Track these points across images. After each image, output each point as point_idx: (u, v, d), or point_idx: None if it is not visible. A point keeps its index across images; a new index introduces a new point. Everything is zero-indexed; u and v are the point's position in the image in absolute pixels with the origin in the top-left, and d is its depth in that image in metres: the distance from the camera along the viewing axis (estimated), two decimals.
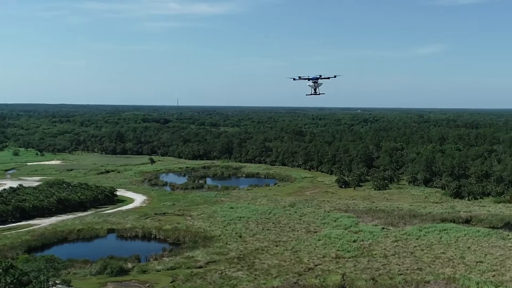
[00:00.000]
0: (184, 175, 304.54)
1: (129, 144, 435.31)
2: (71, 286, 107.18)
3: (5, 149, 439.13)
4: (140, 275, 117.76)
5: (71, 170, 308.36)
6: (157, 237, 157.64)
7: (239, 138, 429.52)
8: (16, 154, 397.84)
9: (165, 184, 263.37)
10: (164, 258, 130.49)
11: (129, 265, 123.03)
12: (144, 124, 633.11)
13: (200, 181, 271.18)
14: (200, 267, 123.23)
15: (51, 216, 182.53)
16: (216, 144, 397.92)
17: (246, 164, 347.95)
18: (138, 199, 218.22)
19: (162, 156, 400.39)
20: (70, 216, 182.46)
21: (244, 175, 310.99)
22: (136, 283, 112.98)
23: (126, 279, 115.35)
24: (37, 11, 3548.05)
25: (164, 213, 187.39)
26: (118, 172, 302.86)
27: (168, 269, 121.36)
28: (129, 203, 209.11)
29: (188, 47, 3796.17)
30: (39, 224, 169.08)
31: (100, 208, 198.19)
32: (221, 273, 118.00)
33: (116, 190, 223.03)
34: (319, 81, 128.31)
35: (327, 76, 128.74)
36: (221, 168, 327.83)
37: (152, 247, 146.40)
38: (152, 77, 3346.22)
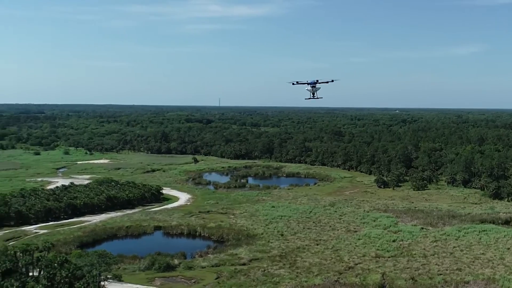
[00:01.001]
0: (227, 174, 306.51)
1: (173, 143, 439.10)
2: (122, 281, 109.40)
3: (57, 148, 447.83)
4: (186, 271, 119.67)
5: (119, 169, 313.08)
6: (202, 234, 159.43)
7: (279, 138, 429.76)
8: (66, 153, 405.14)
9: (209, 183, 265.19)
10: (209, 255, 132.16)
11: (176, 261, 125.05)
12: (188, 124, 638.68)
13: (242, 180, 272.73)
14: (244, 264, 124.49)
15: (101, 213, 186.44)
16: (257, 144, 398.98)
17: (286, 164, 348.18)
18: (183, 197, 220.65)
19: (205, 155, 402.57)
20: (118, 214, 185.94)
21: (284, 175, 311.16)
22: (182, 279, 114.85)
23: (173, 275, 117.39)
24: (82, 15, 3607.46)
25: (208, 211, 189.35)
26: (163, 171, 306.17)
27: (212, 266, 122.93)
28: (174, 201, 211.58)
29: (229, 49, 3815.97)
30: (90, 221, 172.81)
31: (146, 206, 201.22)
32: (264, 270, 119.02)
33: (162, 189, 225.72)
34: (317, 85, 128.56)
35: (325, 81, 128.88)
36: (262, 167, 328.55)
37: (197, 244, 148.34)
38: (194, 78, 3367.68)
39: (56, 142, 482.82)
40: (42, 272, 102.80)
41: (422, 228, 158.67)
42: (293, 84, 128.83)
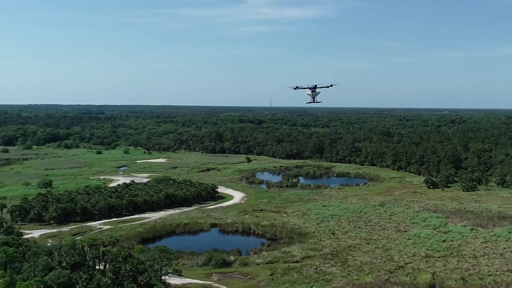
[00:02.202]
0: (279, 174, 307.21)
1: (227, 143, 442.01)
2: (182, 276, 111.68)
3: (117, 147, 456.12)
4: (241, 267, 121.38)
5: (176, 167, 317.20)
6: (256, 232, 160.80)
7: (329, 138, 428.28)
8: (126, 152, 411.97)
9: (261, 182, 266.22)
10: (263, 252, 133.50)
11: (232, 258, 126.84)
12: (240, 125, 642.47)
13: (294, 180, 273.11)
14: (297, 261, 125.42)
15: (160, 210, 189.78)
16: (308, 144, 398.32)
17: (336, 163, 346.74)
18: (237, 196, 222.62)
19: (258, 155, 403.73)
20: (176, 211, 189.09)
21: (334, 175, 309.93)
22: (238, 275, 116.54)
23: (229, 271, 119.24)
24: (137, 18, 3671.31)
25: (261, 210, 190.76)
26: (218, 170, 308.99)
27: (267, 263, 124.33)
28: (229, 200, 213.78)
29: (279, 50, 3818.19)
30: (150, 218, 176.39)
31: (203, 204, 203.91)
32: (316, 268, 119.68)
33: (217, 187, 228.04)
34: (317, 90, 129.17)
35: (324, 85, 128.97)
36: (313, 167, 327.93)
37: (251, 242, 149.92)
38: (246, 79, 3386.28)
39: (116, 141, 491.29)
40: (107, 266, 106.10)
41: (472, 229, 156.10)
42: (294, 88, 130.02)
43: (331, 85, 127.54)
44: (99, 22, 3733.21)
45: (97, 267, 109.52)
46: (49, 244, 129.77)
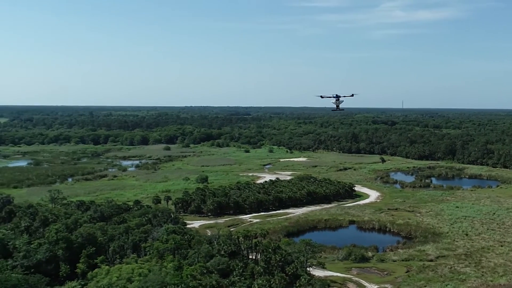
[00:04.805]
0: (412, 174, 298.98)
1: (362, 144, 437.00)
2: (325, 268, 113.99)
3: (262, 146, 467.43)
4: (379, 263, 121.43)
5: (315, 166, 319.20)
6: (391, 230, 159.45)
7: (461, 140, 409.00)
8: (271, 151, 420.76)
9: (395, 182, 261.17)
10: (399, 250, 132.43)
11: (369, 253, 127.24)
12: (374, 126, 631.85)
13: (426, 180, 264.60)
14: (431, 260, 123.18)
15: (302, 206, 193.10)
16: (440, 146, 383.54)
17: (468, 165, 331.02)
18: (373, 194, 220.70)
19: (391, 156, 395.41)
20: (317, 207, 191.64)
21: (467, 176, 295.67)
22: (376, 271, 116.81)
23: (367, 266, 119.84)
24: (280, 25, 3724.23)
25: (396, 209, 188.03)
26: (354, 169, 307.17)
27: (402, 260, 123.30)
28: (365, 198, 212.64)
29: (411, 52, 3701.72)
30: (293, 213, 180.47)
31: (341, 201, 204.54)
32: (451, 267, 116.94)
33: (354, 186, 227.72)
34: (340, 99, 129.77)
35: (347, 95, 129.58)
36: (445, 168, 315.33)
37: (387, 239, 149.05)
38: (378, 81, 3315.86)
39: (261, 141, 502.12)
40: (259, 256, 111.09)
41: None
42: (321, 97, 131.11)
43: (353, 95, 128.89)
44: (246, 29, 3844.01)
45: (250, 257, 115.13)
46: (208, 234, 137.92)
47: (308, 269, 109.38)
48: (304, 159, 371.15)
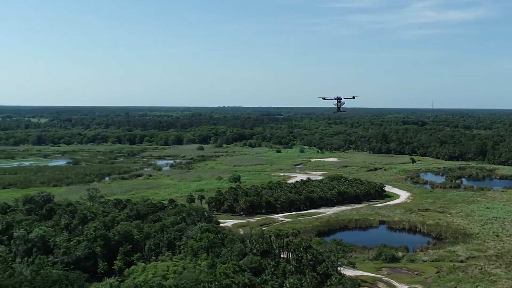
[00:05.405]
0: (442, 175, 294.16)
1: (392, 144, 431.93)
2: (355, 268, 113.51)
3: (293, 147, 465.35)
4: (409, 263, 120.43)
5: (346, 166, 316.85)
6: (421, 230, 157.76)
7: (492, 140, 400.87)
8: (302, 151, 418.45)
9: (425, 182, 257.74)
10: (429, 250, 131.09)
11: (399, 254, 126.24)
12: (404, 126, 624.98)
13: (457, 181, 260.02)
14: (461, 261, 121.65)
15: (333, 206, 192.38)
16: (470, 146, 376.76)
17: (499, 166, 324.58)
18: (403, 195, 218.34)
19: (421, 156, 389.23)
20: (347, 207, 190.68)
21: (497, 177, 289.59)
22: (406, 271, 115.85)
23: (398, 266, 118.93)
24: (312, 26, 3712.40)
25: (426, 209, 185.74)
26: (384, 169, 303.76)
27: (432, 261, 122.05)
28: (395, 199, 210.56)
29: (442, 52, 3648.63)
30: (324, 213, 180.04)
31: (371, 201, 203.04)
32: (481, 268, 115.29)
33: (384, 186, 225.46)
34: (342, 100, 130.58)
35: (348, 97, 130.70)
36: (475, 169, 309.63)
37: (417, 239, 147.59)
38: (408, 82, 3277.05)
39: (292, 141, 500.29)
40: (291, 255, 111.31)
41: None
42: (322, 98, 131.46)
43: (354, 97, 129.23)
44: (278, 30, 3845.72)
45: (281, 256, 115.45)
46: (241, 233, 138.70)
47: (338, 268, 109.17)
48: (334, 159, 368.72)
